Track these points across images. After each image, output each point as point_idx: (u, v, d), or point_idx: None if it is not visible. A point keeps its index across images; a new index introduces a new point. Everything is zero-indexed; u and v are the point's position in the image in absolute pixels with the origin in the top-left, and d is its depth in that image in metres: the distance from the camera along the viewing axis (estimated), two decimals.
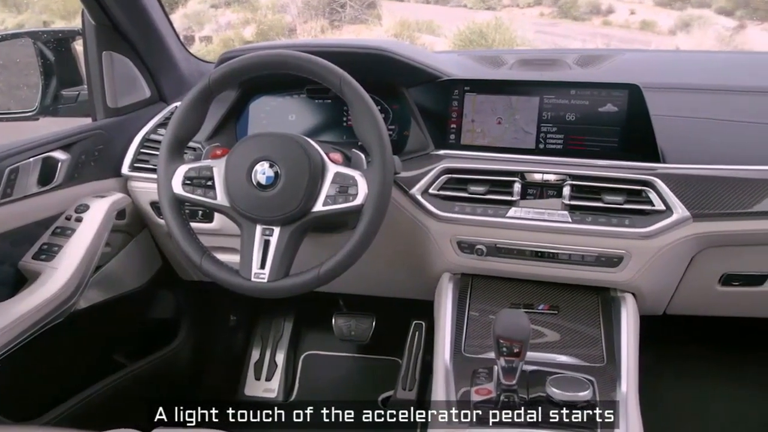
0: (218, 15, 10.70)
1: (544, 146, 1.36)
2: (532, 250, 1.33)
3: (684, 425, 1.80)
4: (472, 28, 8.54)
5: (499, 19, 8.89)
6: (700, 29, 10.64)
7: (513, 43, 8.12)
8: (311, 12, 10.18)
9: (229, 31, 9.94)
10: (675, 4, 12.60)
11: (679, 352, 1.90)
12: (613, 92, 1.31)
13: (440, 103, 1.42)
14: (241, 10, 10.56)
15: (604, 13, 12.80)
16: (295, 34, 9.83)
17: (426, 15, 10.62)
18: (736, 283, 1.41)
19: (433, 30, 9.82)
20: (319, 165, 1.20)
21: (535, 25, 11.02)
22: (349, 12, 10.36)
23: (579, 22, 12.49)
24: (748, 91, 1.50)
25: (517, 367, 1.10)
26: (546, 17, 12.51)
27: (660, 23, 12.08)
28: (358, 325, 1.95)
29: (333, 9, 10.40)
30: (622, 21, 12.58)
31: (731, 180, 1.28)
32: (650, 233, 1.25)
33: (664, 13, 12.46)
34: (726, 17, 11.53)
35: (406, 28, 9.50)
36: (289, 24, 10.09)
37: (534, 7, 12.80)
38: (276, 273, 1.19)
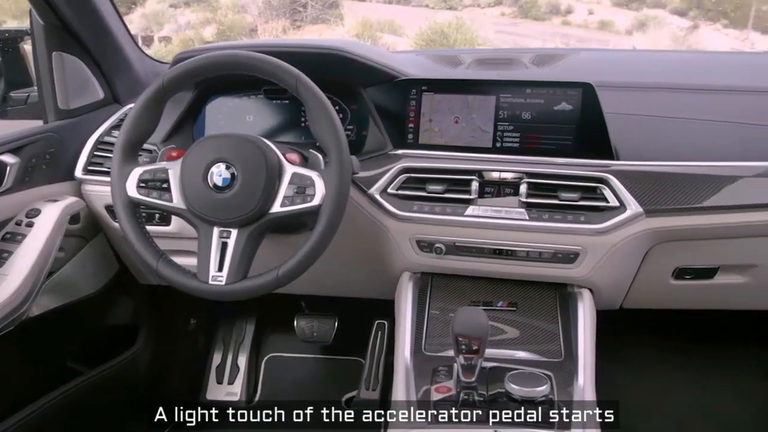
0: (177, 15, 10.54)
1: (500, 145, 1.37)
2: (490, 248, 1.34)
3: (641, 416, 1.84)
4: (433, 27, 8.59)
5: (460, 19, 8.95)
6: (655, 29, 10.88)
7: (474, 42, 8.19)
8: (272, 12, 10.10)
9: (189, 31, 9.81)
10: (631, 4, 12.86)
11: (635, 346, 1.94)
12: (568, 91, 1.33)
13: (398, 102, 1.42)
14: (200, 10, 10.43)
15: (563, 13, 13.00)
16: (257, 34, 9.75)
17: (388, 15, 10.63)
18: (688, 277, 1.44)
19: (395, 30, 9.85)
20: (276, 166, 1.19)
21: (496, 24, 11.13)
22: (310, 12, 10.32)
23: (539, 21, 12.66)
24: (698, 90, 1.54)
25: (476, 364, 1.11)
26: (507, 17, 12.65)
27: (617, 23, 12.31)
28: (320, 326, 1.95)
29: (294, 9, 10.34)
30: (581, 21, 12.79)
31: (683, 176, 1.31)
32: (605, 229, 1.28)
33: (621, 13, 12.71)
34: (680, 17, 11.82)
35: (367, 28, 9.50)
36: (250, 24, 10.00)
37: (495, 7, 12.93)
38: (234, 275, 1.18)
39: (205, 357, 2.09)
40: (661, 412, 1.86)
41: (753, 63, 1.84)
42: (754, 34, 10.70)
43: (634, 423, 1.80)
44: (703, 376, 1.93)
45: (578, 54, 1.72)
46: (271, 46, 1.41)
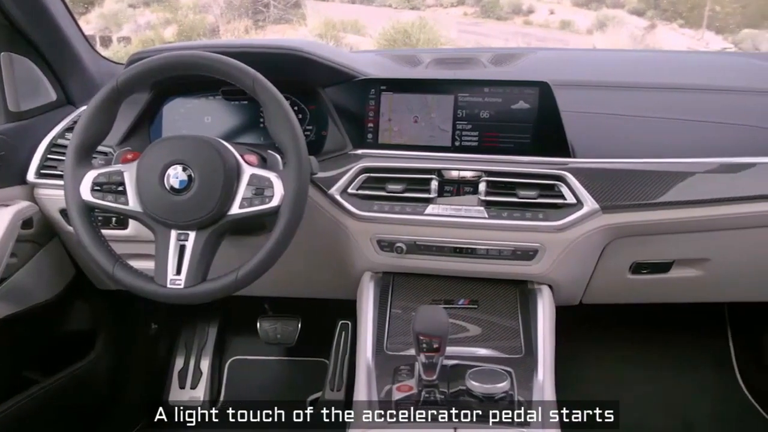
0: (137, 15, 10.36)
1: (459, 144, 1.38)
2: (450, 247, 1.35)
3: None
4: (396, 27, 8.61)
5: (423, 19, 8.99)
6: (614, 28, 11.08)
7: (437, 42, 8.23)
8: (234, 12, 10.00)
9: (148, 31, 9.65)
10: (591, 4, 13.06)
11: (595, 340, 1.97)
12: (525, 90, 1.35)
13: (357, 102, 1.42)
14: (160, 10, 10.26)
15: (525, 13, 13.14)
16: (219, 34, 9.64)
17: (351, 15, 10.62)
18: (644, 271, 1.47)
19: (359, 30, 9.84)
20: (234, 167, 1.18)
21: (459, 24, 11.20)
22: (273, 12, 10.25)
23: (501, 21, 12.77)
24: (653, 88, 1.57)
25: (437, 362, 1.12)
26: (469, 17, 12.73)
27: (578, 23, 12.49)
28: (283, 327, 1.94)
29: (257, 9, 10.26)
30: (543, 21, 12.95)
31: (638, 173, 1.34)
32: (562, 226, 1.30)
33: (581, 13, 12.89)
34: (638, 17, 12.04)
35: (331, 28, 9.48)
36: (211, 24, 9.89)
37: (457, 7, 13.01)
38: (193, 278, 1.17)
39: (167, 362, 2.06)
40: (622, 406, 1.89)
41: (706, 62, 1.89)
42: (709, 34, 10.98)
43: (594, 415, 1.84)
44: (661, 369, 1.97)
45: (536, 53, 1.74)
46: (229, 46, 1.40)
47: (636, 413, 1.88)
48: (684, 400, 1.91)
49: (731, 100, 1.53)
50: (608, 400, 1.19)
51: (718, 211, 1.34)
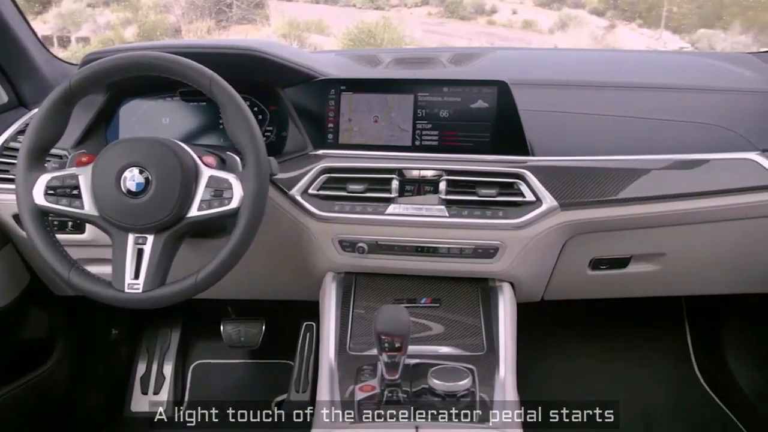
0: (96, 15, 10.15)
1: (420, 143, 1.38)
2: (412, 246, 1.35)
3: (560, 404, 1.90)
4: (361, 27, 8.59)
5: (388, 19, 9.00)
6: (575, 28, 11.22)
7: (401, 42, 8.24)
8: (197, 12, 9.87)
9: (108, 31, 9.46)
10: (553, 4, 13.20)
11: (557, 335, 2.00)
12: (483, 89, 1.36)
13: (317, 103, 1.41)
14: (120, 9, 10.07)
15: (488, 13, 13.22)
16: (181, 34, 9.50)
17: (315, 15, 10.57)
18: (603, 267, 1.50)
19: (323, 30, 9.80)
20: (192, 169, 1.17)
21: (423, 24, 11.23)
22: (236, 12, 10.14)
23: (465, 21, 12.83)
24: (610, 86, 1.60)
25: (400, 361, 1.12)
26: (433, 17, 12.77)
27: (540, 23, 12.61)
28: (247, 330, 1.92)
29: (220, 9, 10.14)
30: (506, 20, 13.04)
31: (595, 170, 1.36)
32: (522, 224, 1.31)
33: (543, 13, 13.02)
34: (598, 17, 12.21)
35: (295, 28, 9.42)
36: (173, 24, 9.73)
37: (421, 6, 13.03)
38: (151, 282, 1.15)
39: (128, 367, 2.03)
40: (583, 398, 1.92)
41: (663, 61, 1.92)
42: (667, 34, 11.19)
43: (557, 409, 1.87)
44: (622, 362, 2.01)
45: (495, 53, 1.75)
46: (186, 47, 1.38)
47: None
48: (644, 393, 1.95)
49: (685, 99, 1.56)
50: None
51: (673, 206, 1.37)
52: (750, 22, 9.31)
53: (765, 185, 1.38)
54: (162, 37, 9.22)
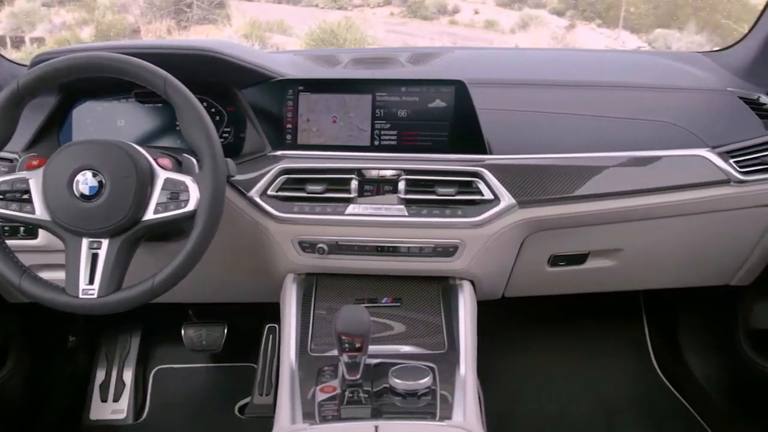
0: (52, 14, 9.89)
1: (378, 143, 1.39)
2: (372, 246, 1.36)
3: (526, 399, 1.92)
4: (323, 27, 8.56)
5: (350, 19, 8.98)
6: (536, 28, 11.34)
7: (364, 42, 8.23)
8: (156, 12, 9.70)
9: (64, 32, 9.23)
10: (514, 4, 13.32)
11: (519, 332, 2.02)
12: (441, 88, 1.36)
13: (275, 103, 1.41)
14: (76, 9, 9.83)
15: (451, 13, 13.28)
16: (139, 35, 9.33)
17: (277, 15, 10.49)
18: (562, 263, 1.52)
19: (285, 30, 9.73)
20: (147, 171, 1.15)
21: (386, 24, 11.23)
22: (196, 12, 10.00)
23: (428, 21, 12.87)
24: (568, 85, 1.62)
25: (360, 361, 1.12)
26: (396, 17, 12.78)
27: (502, 22, 12.71)
28: (209, 334, 1.90)
29: (179, 9, 9.99)
30: (468, 20, 13.11)
31: (552, 168, 1.38)
32: (481, 222, 1.32)
33: (504, 13, 13.13)
34: (558, 17, 12.37)
35: (256, 28, 9.33)
36: (132, 25, 9.55)
37: (384, 6, 13.03)
38: (106, 288, 1.13)
39: (87, 375, 1.98)
40: (545, 394, 1.95)
41: (619, 60, 1.96)
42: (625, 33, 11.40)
43: (519, 405, 1.89)
44: (582, 357, 2.04)
45: (453, 52, 1.77)
46: (140, 47, 1.37)
47: (559, 400, 1.94)
48: (604, 386, 1.99)
49: (640, 97, 1.60)
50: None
51: (628, 202, 1.40)
52: (704, 22, 9.55)
53: (715, 181, 1.42)
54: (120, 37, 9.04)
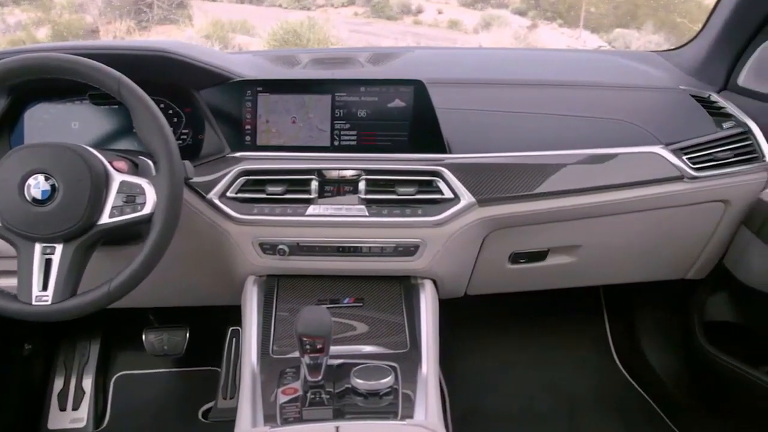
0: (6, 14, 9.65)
1: (338, 143, 1.38)
2: (333, 246, 1.35)
3: (491, 395, 1.94)
4: (286, 27, 8.52)
5: (313, 19, 8.95)
6: (499, 28, 11.46)
7: (327, 42, 8.22)
8: (115, 12, 9.54)
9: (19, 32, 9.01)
10: (477, 4, 13.43)
11: (482, 329, 2.04)
12: (400, 88, 1.37)
13: (233, 104, 1.39)
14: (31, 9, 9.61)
15: (414, 13, 13.33)
16: (98, 35, 9.16)
17: (240, 15, 10.41)
18: (522, 261, 1.54)
19: (248, 30, 9.65)
20: (101, 174, 1.13)
21: (350, 24, 11.23)
22: (157, 12, 9.87)
23: (392, 21, 12.90)
24: (526, 84, 1.64)
25: (322, 362, 1.11)
26: (360, 17, 12.79)
27: (465, 22, 12.80)
28: (170, 338, 1.87)
29: (139, 9, 9.84)
30: (431, 20, 13.18)
31: (512, 166, 1.39)
32: (441, 221, 1.33)
33: (468, 13, 13.23)
34: (521, 17, 12.51)
35: (219, 29, 9.24)
36: (90, 25, 9.37)
37: (348, 6, 13.03)
38: (61, 294, 1.11)
39: (44, 384, 1.94)
40: (509, 389, 1.97)
41: (577, 59, 1.99)
42: (586, 33, 11.58)
43: (484, 402, 1.91)
44: (545, 353, 2.07)
45: (413, 52, 1.77)
46: (95, 48, 1.34)
47: (522, 396, 1.96)
48: (567, 380, 2.01)
49: (597, 95, 1.62)
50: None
51: (586, 199, 1.42)
52: (661, 22, 9.77)
53: (669, 177, 1.45)
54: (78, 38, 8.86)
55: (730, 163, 1.49)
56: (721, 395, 1.76)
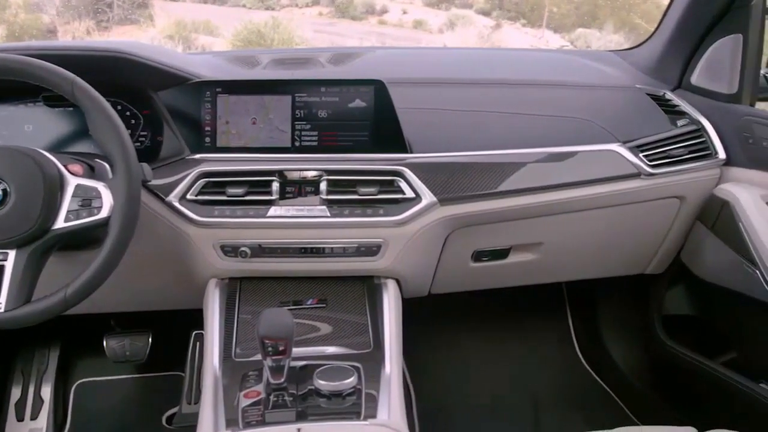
0: None
1: (299, 144, 1.38)
2: (296, 247, 1.35)
3: (456, 392, 1.95)
4: (250, 28, 8.44)
5: (277, 19, 8.89)
6: (463, 28, 11.54)
7: (292, 42, 8.17)
8: (73, 12, 9.34)
9: None
10: (442, 4, 13.49)
11: (448, 327, 2.05)
12: (360, 88, 1.37)
13: (192, 106, 1.38)
14: None
15: (379, 13, 13.34)
16: (56, 35, 8.96)
17: (203, 15, 10.29)
18: (485, 259, 1.55)
19: (211, 30, 9.54)
20: (56, 178, 1.11)
21: (314, 24, 11.18)
22: (117, 12, 9.69)
23: (357, 21, 12.89)
24: (488, 83, 1.65)
25: (285, 365, 1.10)
26: (325, 17, 12.75)
27: (430, 22, 12.85)
28: (132, 343, 1.84)
29: (99, 9, 9.64)
30: (396, 20, 13.20)
31: (473, 165, 1.41)
32: (403, 220, 1.33)
33: (432, 12, 13.28)
34: (485, 17, 12.61)
35: (181, 29, 9.11)
36: (48, 25, 9.15)
37: (312, 6, 12.97)
38: (14, 300, 1.08)
39: (1, 394, 1.89)
40: (474, 387, 1.99)
41: (539, 59, 2.01)
42: (548, 33, 11.73)
43: (450, 399, 1.92)
44: (510, 349, 2.09)
45: (374, 52, 1.78)
46: (47, 49, 1.32)
47: (488, 392, 1.98)
48: (531, 376, 2.04)
49: (557, 94, 1.65)
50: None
51: (546, 197, 1.44)
52: (621, 22, 9.95)
53: (626, 174, 1.48)
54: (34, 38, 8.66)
55: (684, 160, 1.52)
56: (680, 386, 1.80)
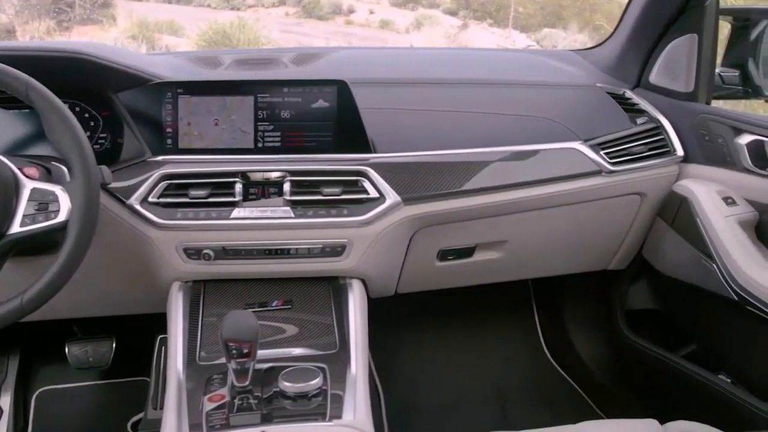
0: None
1: (262, 145, 1.37)
2: (260, 249, 1.34)
3: (424, 391, 1.96)
4: (215, 28, 8.36)
5: (243, 19, 8.82)
6: (430, 28, 11.59)
7: (258, 42, 8.12)
8: (33, 11, 9.14)
9: None
10: (408, 4, 13.53)
11: (415, 326, 2.06)
12: (323, 88, 1.36)
13: (153, 107, 1.36)
14: None
15: (346, 13, 13.33)
16: (14, 35, 8.76)
17: (167, 15, 10.16)
18: (450, 257, 1.56)
19: (176, 30, 9.43)
20: (10, 182, 1.08)
21: (281, 24, 11.13)
22: (79, 12, 9.51)
23: (323, 21, 12.85)
24: (450, 83, 1.66)
25: (249, 367, 1.10)
26: (291, 17, 12.69)
27: (397, 22, 12.88)
28: (96, 349, 1.80)
29: (60, 8, 9.46)
30: (363, 20, 13.20)
31: (436, 164, 1.41)
32: (367, 220, 1.33)
33: (399, 13, 13.32)
34: (452, 17, 12.69)
35: (145, 29, 8.99)
36: (5, 25, 8.95)
37: (279, 7, 12.91)
38: None
39: None
40: (442, 384, 2.00)
41: (502, 58, 2.03)
42: (515, 33, 11.85)
43: (418, 398, 1.93)
44: (477, 347, 2.11)
45: (338, 52, 1.77)
46: (2, 49, 1.28)
47: (455, 390, 1.99)
48: (498, 373, 2.06)
49: (519, 93, 1.67)
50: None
51: (510, 195, 1.46)
52: (585, 22, 10.10)
53: (588, 172, 1.50)
54: None
55: (644, 157, 1.55)
56: (643, 379, 1.84)
